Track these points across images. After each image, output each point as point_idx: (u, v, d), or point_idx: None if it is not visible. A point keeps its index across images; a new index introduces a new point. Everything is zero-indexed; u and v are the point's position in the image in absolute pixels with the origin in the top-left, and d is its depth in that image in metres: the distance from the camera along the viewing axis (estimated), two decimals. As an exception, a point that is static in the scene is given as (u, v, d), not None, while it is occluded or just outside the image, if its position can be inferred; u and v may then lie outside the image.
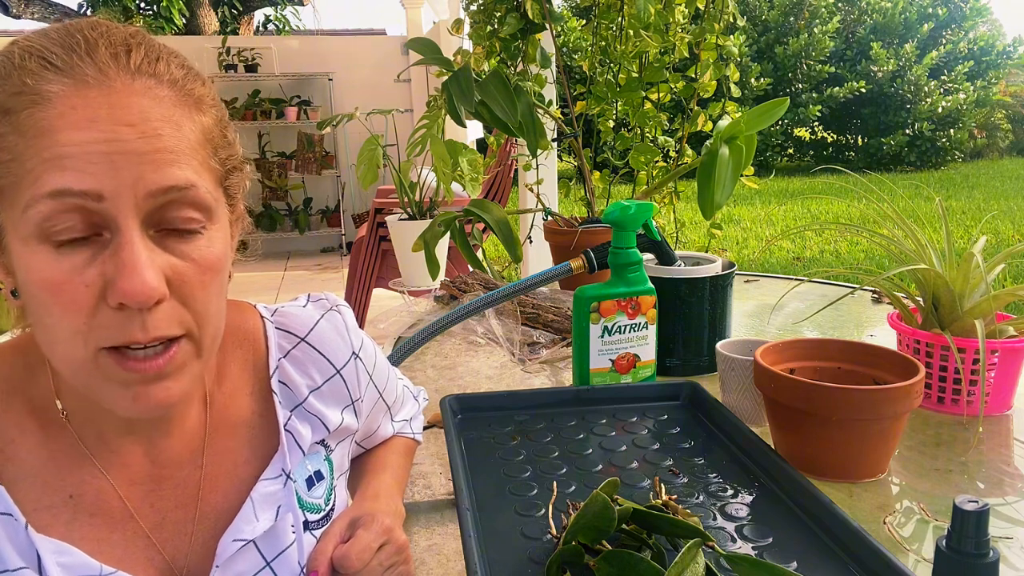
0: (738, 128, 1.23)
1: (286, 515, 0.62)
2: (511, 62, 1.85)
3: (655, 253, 1.20)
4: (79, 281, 0.48)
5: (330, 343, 0.68)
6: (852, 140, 12.16)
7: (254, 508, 0.60)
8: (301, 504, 0.64)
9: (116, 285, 0.48)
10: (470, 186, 1.72)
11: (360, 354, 0.70)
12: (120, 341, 0.50)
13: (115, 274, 0.48)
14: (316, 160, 6.55)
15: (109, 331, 0.49)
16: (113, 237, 0.49)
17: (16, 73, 0.49)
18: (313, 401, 0.67)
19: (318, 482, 0.66)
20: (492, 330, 1.39)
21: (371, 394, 0.73)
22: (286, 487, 0.62)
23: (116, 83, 0.50)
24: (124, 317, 0.49)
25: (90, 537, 0.56)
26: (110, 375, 0.50)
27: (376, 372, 0.74)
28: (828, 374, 0.92)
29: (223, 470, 0.62)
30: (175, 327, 0.51)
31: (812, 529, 0.68)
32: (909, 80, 10.88)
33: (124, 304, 0.49)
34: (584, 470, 0.81)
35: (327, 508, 0.67)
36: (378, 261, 3.79)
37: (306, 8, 11.73)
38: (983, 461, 0.88)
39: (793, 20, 11.41)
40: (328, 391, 0.68)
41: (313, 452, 0.67)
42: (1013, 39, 11.59)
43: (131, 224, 0.49)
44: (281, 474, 0.63)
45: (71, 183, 0.47)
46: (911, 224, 1.05)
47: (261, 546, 0.61)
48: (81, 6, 9.76)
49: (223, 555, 0.58)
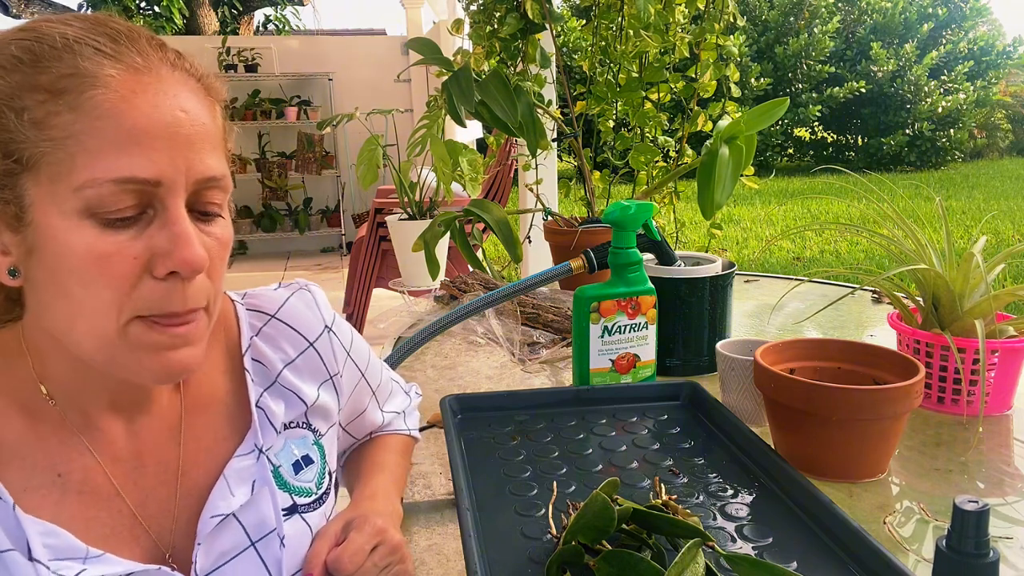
0: (738, 128, 1.23)
1: (262, 490, 0.63)
2: (511, 62, 1.85)
3: (655, 253, 1.20)
4: (128, 253, 0.51)
5: (301, 317, 0.70)
6: (852, 140, 12.15)
7: (228, 484, 0.62)
8: (288, 487, 0.65)
9: (173, 255, 0.52)
10: (470, 186, 1.72)
11: (333, 328, 0.72)
12: (161, 310, 0.53)
13: (169, 246, 0.52)
14: (316, 160, 6.55)
15: (149, 301, 0.52)
16: (158, 214, 0.52)
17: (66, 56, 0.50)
18: (288, 375, 0.68)
19: (307, 466, 0.67)
20: (492, 330, 1.39)
21: (351, 372, 0.74)
22: (259, 462, 0.64)
23: (163, 71, 0.53)
24: (167, 288, 0.53)
25: (79, 516, 0.56)
26: (140, 342, 0.53)
27: (354, 350, 0.75)
28: (828, 374, 0.92)
29: (201, 447, 0.63)
30: (202, 298, 0.55)
31: (812, 529, 0.68)
32: (909, 80, 10.88)
33: (176, 273, 0.52)
34: (584, 470, 0.81)
35: (319, 491, 0.68)
36: (378, 261, 3.79)
37: (306, 8, 11.73)
38: (983, 461, 0.88)
39: (793, 20, 11.41)
40: (303, 365, 0.69)
41: (299, 436, 0.68)
42: (1013, 39, 11.59)
43: (179, 203, 0.52)
44: (254, 449, 0.64)
45: (137, 171, 0.50)
46: (911, 224, 1.05)
47: (246, 524, 0.62)
48: (81, 6, 9.76)
49: (203, 531, 0.60)
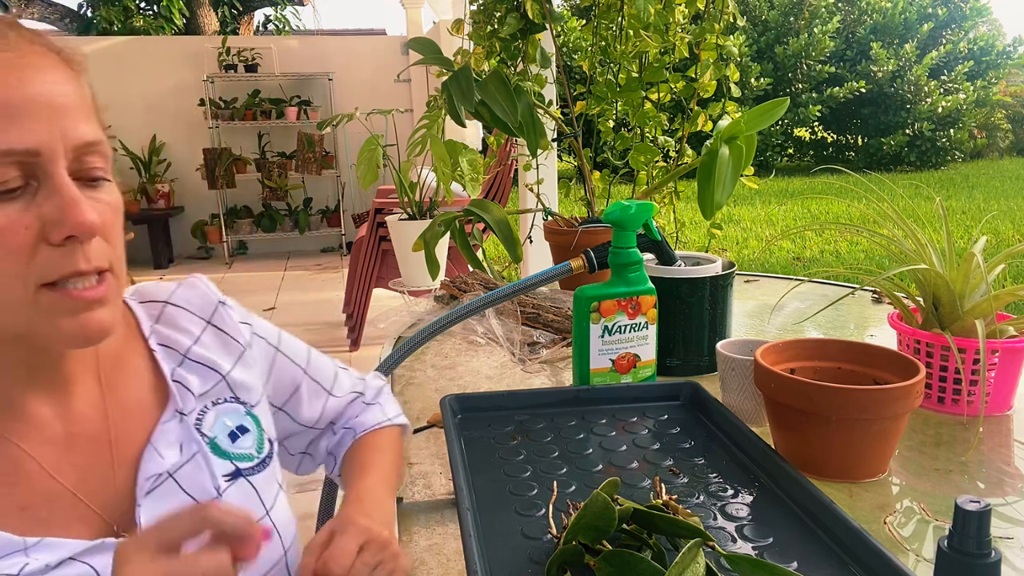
0: (738, 128, 1.23)
1: (191, 448, 0.66)
2: (511, 62, 1.85)
3: (655, 253, 1.20)
4: (20, 224, 0.52)
5: (192, 299, 0.74)
6: (852, 140, 12.15)
7: (156, 448, 0.64)
8: (227, 455, 0.68)
9: (66, 220, 0.53)
10: (470, 186, 1.72)
11: (227, 303, 0.75)
12: (65, 272, 0.54)
13: (59, 212, 0.53)
14: (316, 160, 6.54)
15: (51, 267, 0.54)
16: (43, 184, 0.53)
17: None
18: (198, 350, 0.71)
19: (243, 434, 0.70)
20: (492, 330, 1.39)
21: (261, 346, 0.77)
22: (182, 424, 0.67)
23: (23, 47, 0.54)
24: (66, 252, 0.54)
25: (10, 508, 0.56)
26: (55, 308, 0.55)
27: (258, 326, 0.78)
28: (828, 374, 0.92)
29: (128, 419, 0.65)
30: (104, 260, 0.57)
31: (812, 529, 0.68)
32: (909, 80, 10.88)
33: (71, 237, 0.53)
34: (584, 470, 0.81)
35: (261, 455, 0.71)
36: (378, 261, 3.79)
37: (306, 8, 11.73)
38: (983, 461, 0.88)
39: (793, 20, 11.41)
40: (209, 341, 0.72)
41: (231, 410, 0.71)
42: (1013, 39, 11.58)
43: (62, 171, 0.54)
44: (175, 415, 0.67)
45: (14, 143, 0.51)
46: (911, 224, 1.05)
47: (187, 489, 0.64)
48: (81, 6, 9.76)
49: (141, 493, 0.61)
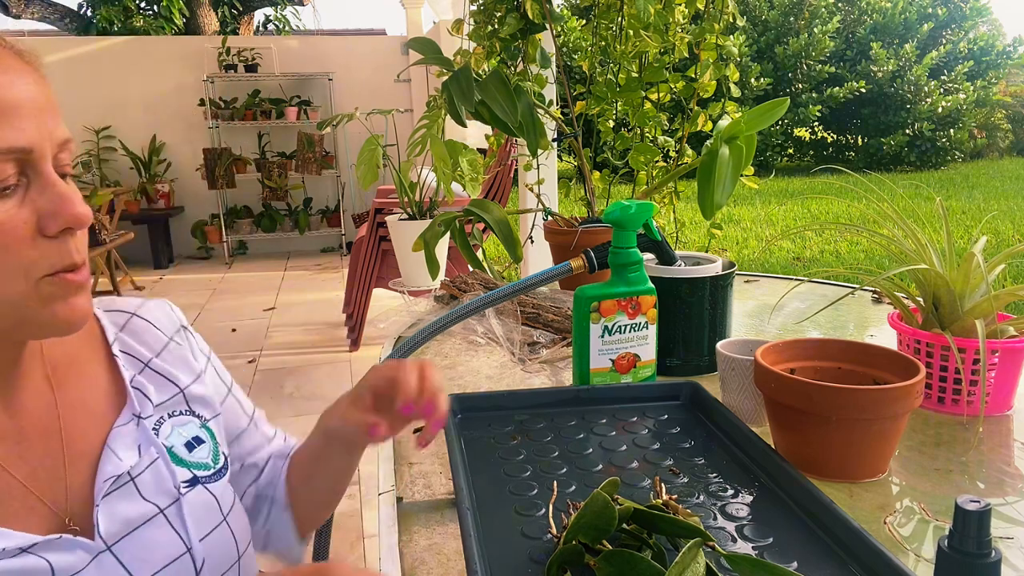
0: (738, 128, 1.23)
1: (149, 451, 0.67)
2: (511, 62, 1.85)
3: (655, 253, 1.20)
4: (19, 219, 0.55)
5: (159, 317, 0.76)
6: (852, 140, 12.16)
7: (113, 450, 0.65)
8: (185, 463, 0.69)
9: (63, 213, 0.56)
10: (470, 186, 1.72)
11: (190, 330, 0.78)
12: (63, 265, 0.57)
13: (54, 205, 0.56)
14: (316, 160, 6.55)
15: (51, 259, 0.56)
16: (33, 180, 0.56)
17: None
18: (158, 362, 0.72)
19: (199, 445, 0.72)
20: (492, 330, 1.39)
21: (213, 377, 0.79)
22: (139, 426, 0.68)
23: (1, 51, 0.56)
24: (60, 244, 0.57)
25: None
26: (54, 295, 0.57)
27: (215, 361, 0.80)
28: (828, 374, 0.92)
29: (81, 418, 0.66)
30: (85, 252, 0.60)
31: (812, 529, 0.68)
32: (909, 80, 10.88)
33: (70, 228, 0.57)
34: (584, 470, 0.81)
35: (217, 466, 0.72)
36: (378, 261, 3.79)
37: (306, 8, 11.73)
38: (983, 461, 0.88)
39: (793, 20, 11.41)
40: (169, 357, 0.74)
41: (185, 422, 0.72)
42: (1013, 39, 11.59)
43: (50, 167, 0.57)
44: (133, 418, 0.68)
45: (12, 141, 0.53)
46: (911, 224, 1.05)
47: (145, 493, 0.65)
48: (81, 6, 9.75)
49: (99, 493, 0.62)
